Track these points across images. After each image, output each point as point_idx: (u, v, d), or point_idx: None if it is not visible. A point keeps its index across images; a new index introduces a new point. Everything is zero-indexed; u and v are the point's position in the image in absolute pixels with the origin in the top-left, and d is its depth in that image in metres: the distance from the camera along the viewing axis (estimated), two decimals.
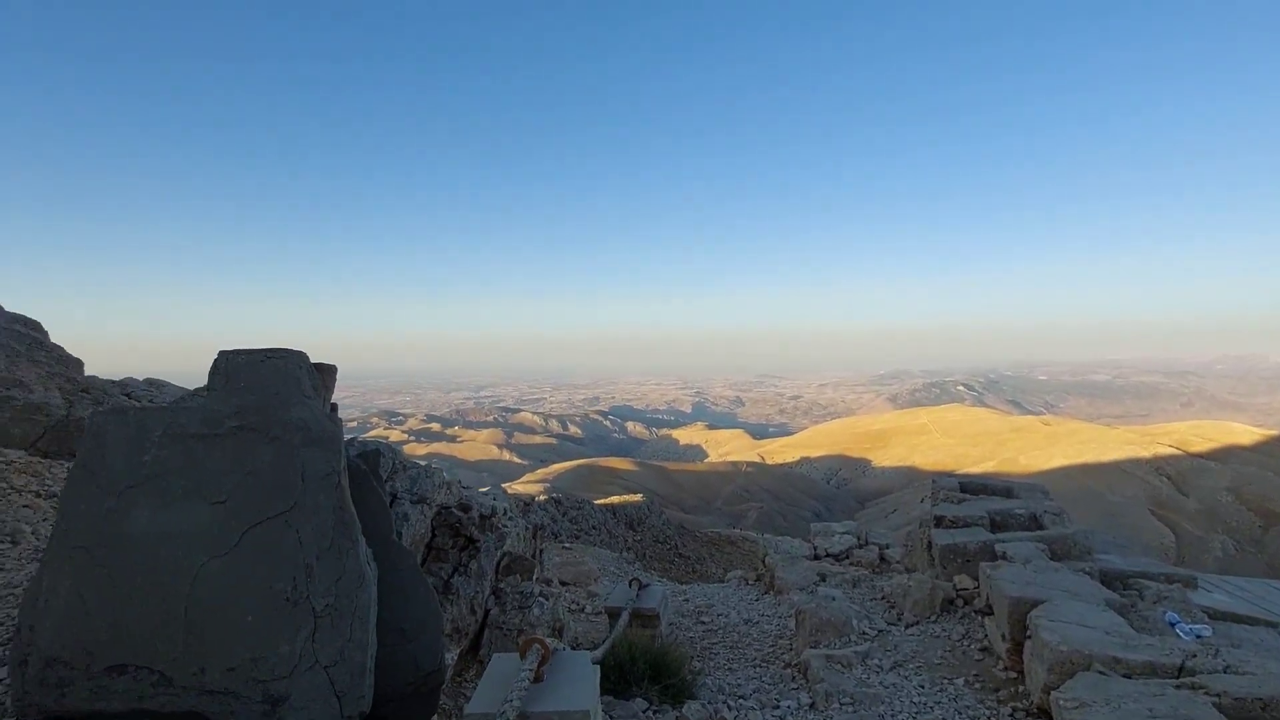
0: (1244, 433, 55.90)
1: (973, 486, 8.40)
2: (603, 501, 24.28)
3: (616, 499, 26.13)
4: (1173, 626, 4.94)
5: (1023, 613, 4.54)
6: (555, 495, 23.28)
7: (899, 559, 8.27)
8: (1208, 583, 6.63)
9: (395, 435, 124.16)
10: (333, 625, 2.16)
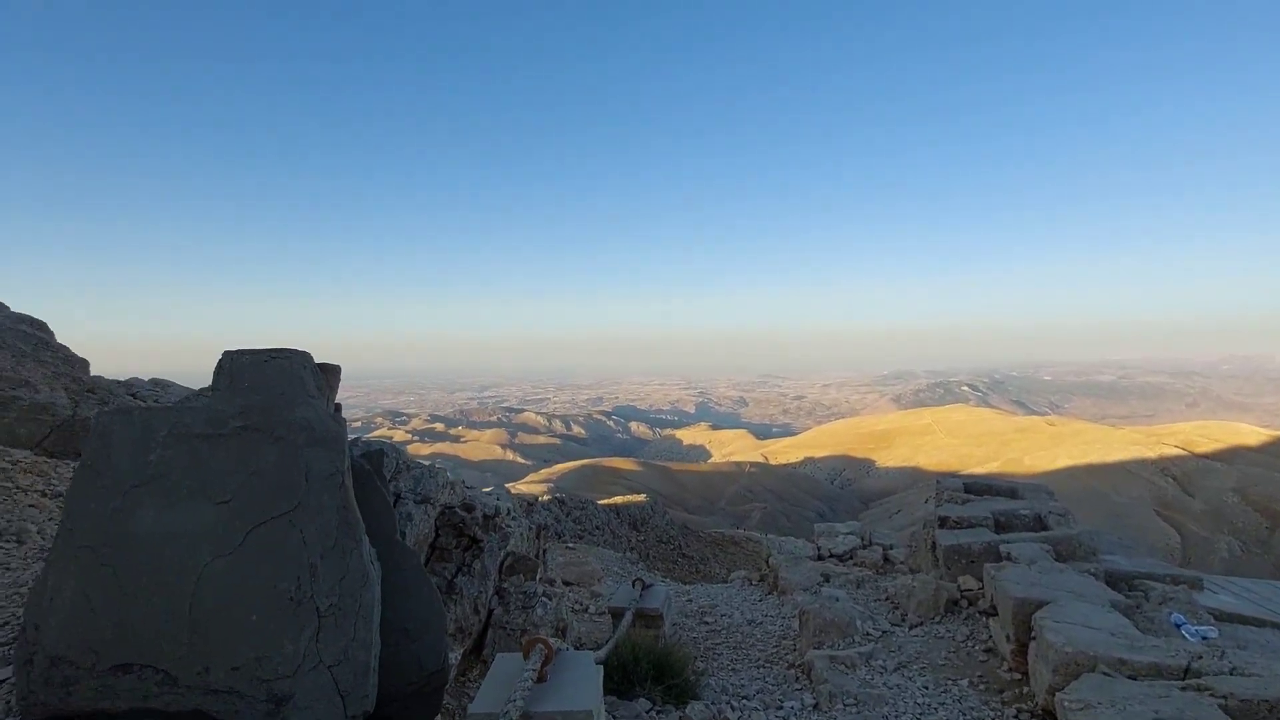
0: (1250, 433, 55.60)
1: (977, 487, 8.38)
2: (606, 502, 24.31)
3: (620, 499, 26.15)
4: (1178, 628, 4.91)
5: (1027, 614, 4.53)
6: (559, 495, 23.32)
7: (903, 560, 8.24)
8: (1213, 584, 6.59)
9: (399, 435, 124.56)
10: (336, 625, 2.16)
